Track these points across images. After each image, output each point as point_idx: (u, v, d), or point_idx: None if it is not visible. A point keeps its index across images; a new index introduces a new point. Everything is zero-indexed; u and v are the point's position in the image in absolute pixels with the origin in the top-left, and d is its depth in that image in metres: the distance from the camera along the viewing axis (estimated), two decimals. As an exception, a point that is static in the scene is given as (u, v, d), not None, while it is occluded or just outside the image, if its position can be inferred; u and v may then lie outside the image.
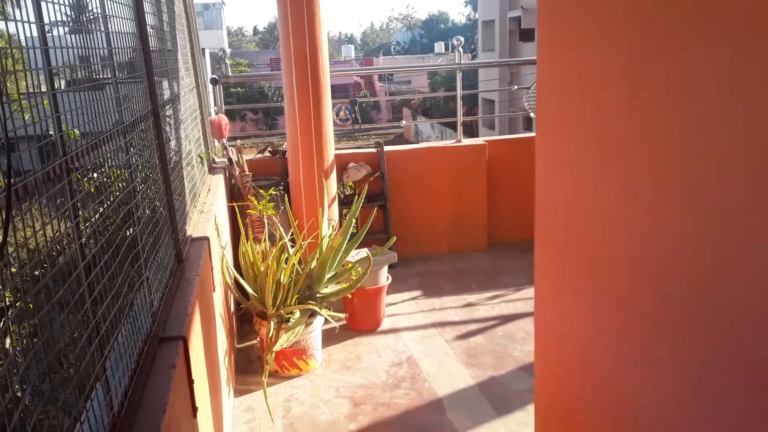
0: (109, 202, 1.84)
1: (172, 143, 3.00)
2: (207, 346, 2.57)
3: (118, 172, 2.00)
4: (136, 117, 2.18)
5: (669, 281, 1.74)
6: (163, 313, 2.16)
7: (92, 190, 1.70)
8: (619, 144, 1.94)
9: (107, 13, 1.95)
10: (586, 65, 2.14)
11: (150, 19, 2.63)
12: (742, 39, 1.35)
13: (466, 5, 68.53)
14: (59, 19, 1.49)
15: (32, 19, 1.27)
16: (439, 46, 44.03)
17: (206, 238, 3.02)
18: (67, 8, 1.55)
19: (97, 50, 1.85)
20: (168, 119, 3.01)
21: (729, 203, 1.43)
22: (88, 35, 1.80)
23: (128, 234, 1.92)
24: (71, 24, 1.77)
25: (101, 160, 1.73)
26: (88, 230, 1.58)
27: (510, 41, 24.92)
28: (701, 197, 1.54)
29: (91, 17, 1.88)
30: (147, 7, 2.58)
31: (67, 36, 1.69)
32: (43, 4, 1.37)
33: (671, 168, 1.67)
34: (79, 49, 1.68)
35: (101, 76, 1.91)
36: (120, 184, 1.99)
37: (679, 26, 1.59)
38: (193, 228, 3.15)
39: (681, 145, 1.62)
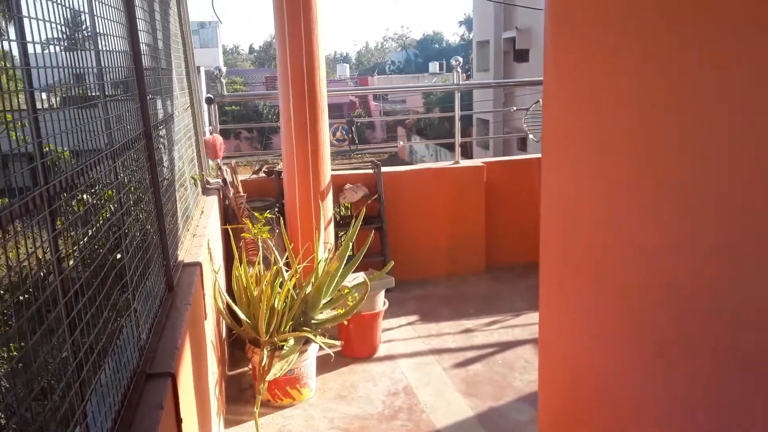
0: (94, 230, 1.73)
1: (165, 165, 2.90)
2: (197, 379, 2.45)
3: (108, 193, 1.90)
4: (127, 139, 2.08)
5: (688, 308, 1.65)
6: (152, 346, 2.04)
7: (76, 218, 1.59)
8: (632, 164, 1.85)
9: (98, 31, 1.86)
10: (596, 85, 2.06)
11: (143, 37, 2.54)
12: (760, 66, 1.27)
13: (460, 25, 69.12)
14: (44, 36, 1.39)
15: (12, 36, 1.17)
16: (433, 66, 44.27)
17: (198, 264, 2.91)
18: (54, 25, 1.45)
19: (86, 69, 1.75)
20: (161, 140, 2.92)
21: (753, 224, 1.35)
22: (75, 53, 1.71)
23: (115, 263, 1.81)
24: (57, 41, 1.67)
25: (87, 185, 1.63)
26: (70, 262, 1.47)
27: (504, 62, 24.99)
28: (722, 218, 1.46)
29: (80, 34, 1.78)
30: (141, 24, 2.49)
31: (53, 53, 1.59)
32: (26, 20, 1.27)
33: (687, 188, 1.59)
34: (65, 68, 1.58)
35: (89, 96, 1.81)
36: (107, 211, 1.88)
37: (695, 45, 1.51)
38: (185, 253, 3.04)
39: (700, 164, 1.53)
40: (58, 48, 1.59)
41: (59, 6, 1.51)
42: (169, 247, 2.57)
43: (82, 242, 1.58)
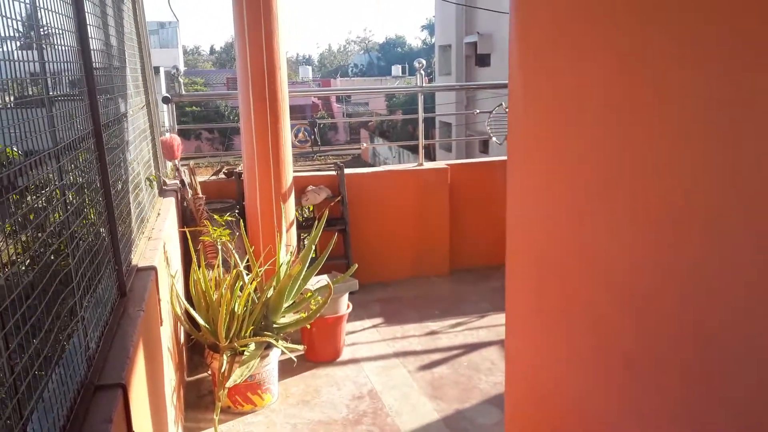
0: (34, 233, 1.63)
1: (118, 165, 2.78)
2: (152, 389, 2.35)
3: (54, 194, 1.79)
4: (74, 138, 1.97)
5: (655, 322, 1.62)
6: (101, 356, 1.93)
7: (14, 220, 1.49)
8: (599, 173, 1.82)
9: (40, 22, 1.75)
10: (562, 85, 2.02)
11: (93, 32, 2.43)
12: (737, 54, 1.24)
13: (422, 30, 69.42)
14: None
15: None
16: (396, 69, 44.29)
17: (153, 268, 2.80)
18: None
19: (27, 63, 1.65)
20: (114, 139, 2.80)
21: (727, 230, 1.32)
22: (13, 45, 1.60)
23: (60, 268, 1.71)
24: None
25: (25, 187, 1.52)
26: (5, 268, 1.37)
27: (466, 66, 25.15)
28: (691, 225, 1.43)
29: (20, 24, 1.67)
30: (90, 19, 2.37)
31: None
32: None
33: (655, 200, 1.56)
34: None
35: (29, 93, 1.71)
36: (52, 214, 1.78)
37: (668, 40, 1.48)
38: (140, 257, 2.93)
39: (669, 167, 1.50)
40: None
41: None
42: (121, 251, 2.46)
43: (19, 246, 1.48)
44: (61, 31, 2.05)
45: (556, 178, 2.12)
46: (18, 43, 1.74)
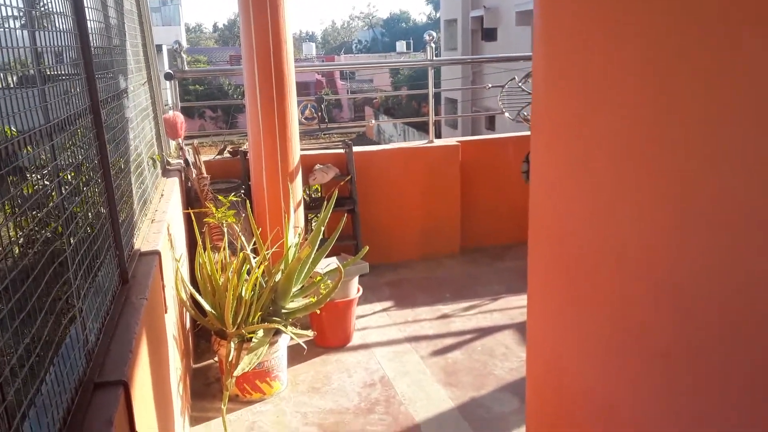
0: (24, 217, 1.49)
1: (118, 143, 2.63)
2: (156, 383, 2.22)
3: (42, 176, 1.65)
4: (68, 114, 1.82)
5: (692, 312, 1.48)
6: (101, 350, 1.80)
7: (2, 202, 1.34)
8: (632, 156, 1.66)
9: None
10: (593, 61, 1.86)
11: (90, 2, 2.27)
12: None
13: (427, 3, 68.61)
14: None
15: None
16: (400, 45, 43.88)
17: (157, 253, 2.66)
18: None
19: (12, 31, 1.49)
20: (114, 115, 2.65)
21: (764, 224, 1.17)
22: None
23: (55, 256, 1.57)
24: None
25: (12, 167, 1.38)
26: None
27: (472, 40, 24.81)
28: (738, 216, 1.28)
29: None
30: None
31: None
32: None
33: (700, 179, 1.41)
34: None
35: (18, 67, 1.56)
36: (45, 197, 1.63)
37: (714, 16, 1.32)
38: (142, 240, 2.79)
39: (714, 152, 1.35)
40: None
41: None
42: (122, 236, 2.33)
43: (7, 232, 1.34)
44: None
45: (587, 158, 1.96)
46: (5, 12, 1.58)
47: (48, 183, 1.67)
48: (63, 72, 2.00)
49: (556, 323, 2.28)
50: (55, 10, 1.87)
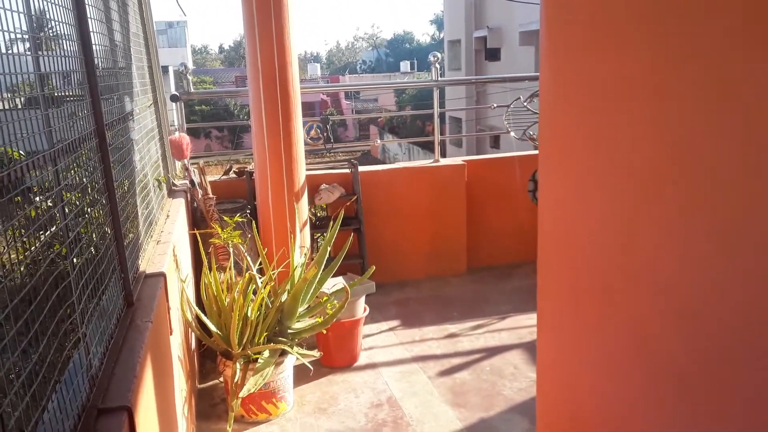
0: (28, 243, 1.48)
1: (123, 166, 2.63)
2: (161, 408, 2.20)
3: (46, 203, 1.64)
4: (74, 138, 1.82)
5: (710, 334, 1.45)
6: (105, 374, 1.79)
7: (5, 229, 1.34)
8: (648, 165, 1.65)
9: (35, 13, 1.60)
10: (602, 75, 1.85)
11: (95, 26, 2.28)
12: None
13: (431, 24, 69.03)
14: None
15: None
16: (405, 65, 44.10)
17: (162, 274, 2.65)
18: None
19: (21, 57, 1.50)
20: (120, 138, 2.65)
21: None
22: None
23: (59, 282, 1.56)
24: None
25: (16, 192, 1.37)
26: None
27: (476, 60, 24.92)
28: (753, 234, 1.26)
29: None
30: (91, 12, 2.22)
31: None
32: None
33: (715, 195, 1.39)
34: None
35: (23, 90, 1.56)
36: (49, 221, 1.63)
37: (730, 24, 1.31)
38: (148, 262, 2.78)
39: (730, 168, 1.33)
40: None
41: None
42: (127, 258, 2.32)
43: (13, 256, 1.33)
44: (58, 24, 1.90)
45: (597, 176, 1.95)
46: (9, 36, 1.59)
47: (51, 204, 1.66)
48: (67, 95, 2.01)
49: (568, 343, 2.25)
50: (59, 34, 1.88)
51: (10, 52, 1.47)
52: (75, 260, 1.74)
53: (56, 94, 1.85)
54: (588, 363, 2.10)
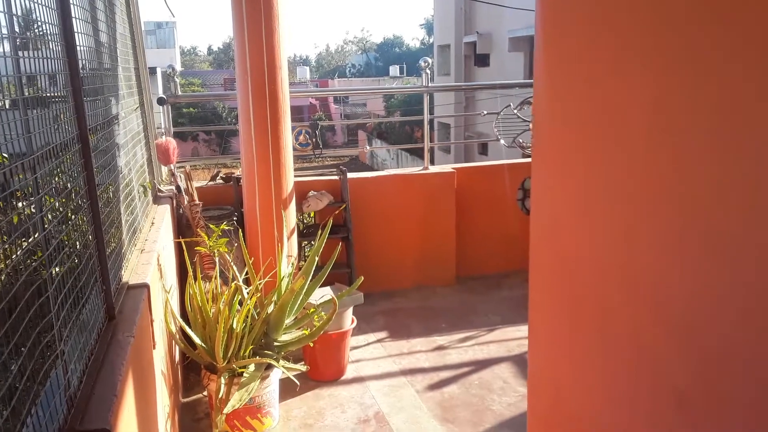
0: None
1: (107, 172, 2.54)
2: (142, 427, 2.10)
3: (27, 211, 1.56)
4: (55, 144, 1.74)
5: (712, 351, 1.39)
6: (84, 394, 1.70)
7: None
8: (647, 178, 1.59)
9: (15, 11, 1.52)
10: (600, 86, 1.80)
11: (80, 27, 2.20)
12: None
13: (421, 28, 69.15)
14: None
15: None
16: (394, 69, 44.10)
17: (146, 286, 2.56)
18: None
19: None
20: (104, 143, 2.56)
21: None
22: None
23: (35, 297, 1.47)
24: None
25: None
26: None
27: (465, 66, 24.95)
28: (754, 248, 1.21)
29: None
30: (76, 11, 2.14)
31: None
32: None
33: (715, 209, 1.33)
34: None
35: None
36: (28, 231, 1.54)
37: (734, 37, 1.26)
38: (131, 272, 2.69)
39: (732, 182, 1.28)
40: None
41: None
42: (110, 269, 2.23)
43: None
44: (41, 24, 1.82)
45: (593, 187, 1.89)
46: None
47: (30, 213, 1.58)
48: (50, 97, 1.92)
49: (561, 358, 2.19)
50: (42, 34, 1.79)
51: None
52: (54, 272, 1.66)
53: (37, 96, 1.76)
54: (583, 378, 2.04)
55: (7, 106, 1.61)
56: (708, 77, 1.33)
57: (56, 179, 1.86)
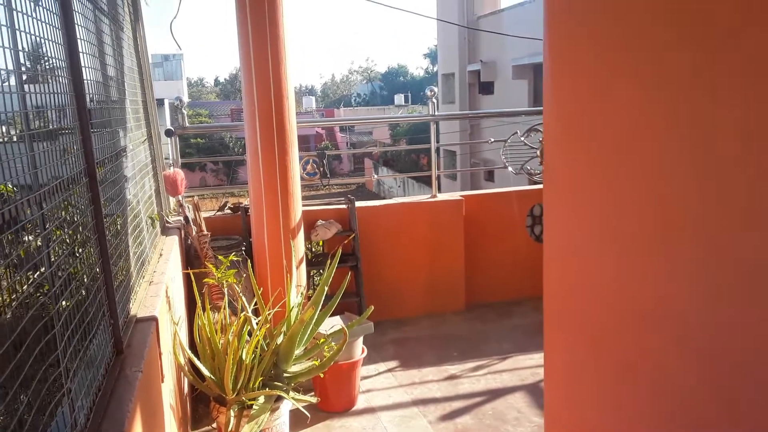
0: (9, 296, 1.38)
1: (115, 205, 2.53)
2: (150, 463, 2.07)
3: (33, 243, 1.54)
4: (62, 179, 1.73)
5: (741, 384, 1.35)
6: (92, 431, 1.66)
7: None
8: (665, 203, 1.57)
9: (22, 48, 1.52)
10: (611, 109, 1.78)
11: (88, 61, 2.21)
12: None
13: (425, 58, 69.73)
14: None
15: None
16: (399, 98, 44.40)
17: (154, 319, 2.53)
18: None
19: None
20: (112, 176, 2.56)
21: None
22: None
23: (41, 336, 1.45)
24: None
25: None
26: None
27: (470, 94, 25.07)
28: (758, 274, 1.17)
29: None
30: (83, 46, 2.15)
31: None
32: None
33: (742, 235, 1.30)
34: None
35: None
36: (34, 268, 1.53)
37: (744, 56, 1.24)
38: (139, 305, 2.67)
39: (756, 205, 1.25)
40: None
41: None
42: (117, 303, 2.21)
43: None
44: (48, 59, 1.82)
45: (608, 212, 1.86)
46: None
47: (37, 247, 1.56)
48: (57, 131, 1.92)
49: (580, 385, 2.14)
50: (50, 69, 1.80)
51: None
52: (61, 306, 1.64)
53: (44, 131, 1.76)
54: (603, 407, 1.99)
55: (15, 139, 1.60)
56: (732, 92, 1.31)
57: (63, 213, 1.85)
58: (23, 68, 1.57)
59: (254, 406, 3.17)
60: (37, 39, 1.71)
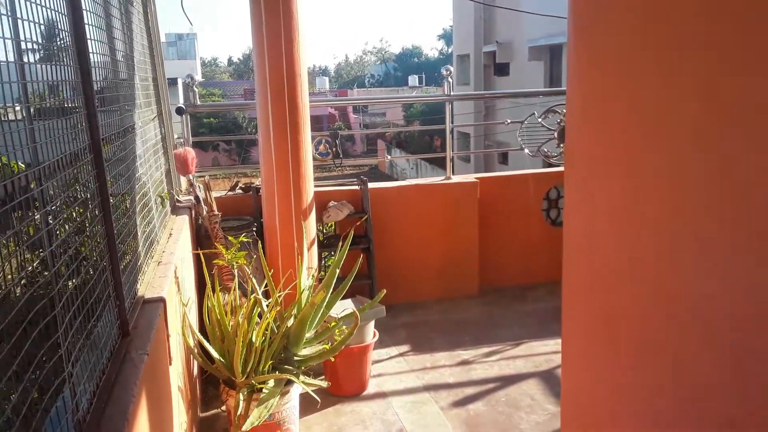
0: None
1: (121, 183, 2.47)
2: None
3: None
4: (63, 155, 1.66)
5: (762, 374, 1.27)
6: (94, 418, 1.61)
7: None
8: (695, 190, 1.47)
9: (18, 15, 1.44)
10: (640, 90, 1.68)
11: (93, 33, 2.13)
12: None
13: (439, 39, 69.21)
14: None
15: None
16: (413, 79, 44.09)
17: (162, 300, 2.48)
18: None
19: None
20: (119, 152, 2.49)
21: None
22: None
23: (39, 317, 1.39)
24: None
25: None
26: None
27: (485, 75, 24.82)
28: None
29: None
30: (91, 18, 2.07)
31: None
32: None
33: (760, 213, 1.22)
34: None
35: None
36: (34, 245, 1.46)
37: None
38: (147, 286, 2.61)
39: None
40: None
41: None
42: (124, 283, 2.15)
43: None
44: (52, 30, 1.75)
45: (633, 196, 1.77)
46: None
47: (38, 225, 1.49)
48: (60, 107, 1.85)
49: (598, 379, 2.06)
50: (55, 44, 1.72)
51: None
52: (62, 288, 1.57)
53: (46, 106, 1.69)
54: (624, 399, 1.91)
55: (15, 113, 1.53)
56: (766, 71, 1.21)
57: (67, 189, 1.78)
58: (22, 38, 1.49)
59: (264, 390, 3.12)
60: (39, 8, 1.64)
